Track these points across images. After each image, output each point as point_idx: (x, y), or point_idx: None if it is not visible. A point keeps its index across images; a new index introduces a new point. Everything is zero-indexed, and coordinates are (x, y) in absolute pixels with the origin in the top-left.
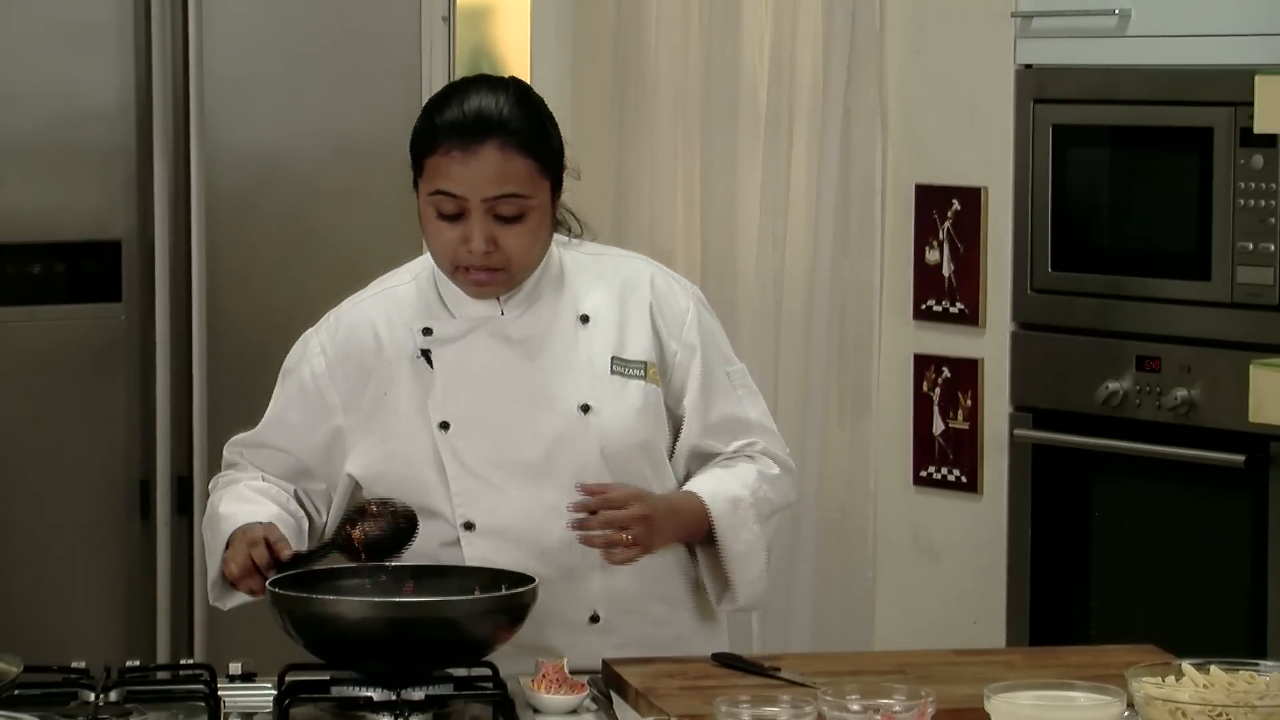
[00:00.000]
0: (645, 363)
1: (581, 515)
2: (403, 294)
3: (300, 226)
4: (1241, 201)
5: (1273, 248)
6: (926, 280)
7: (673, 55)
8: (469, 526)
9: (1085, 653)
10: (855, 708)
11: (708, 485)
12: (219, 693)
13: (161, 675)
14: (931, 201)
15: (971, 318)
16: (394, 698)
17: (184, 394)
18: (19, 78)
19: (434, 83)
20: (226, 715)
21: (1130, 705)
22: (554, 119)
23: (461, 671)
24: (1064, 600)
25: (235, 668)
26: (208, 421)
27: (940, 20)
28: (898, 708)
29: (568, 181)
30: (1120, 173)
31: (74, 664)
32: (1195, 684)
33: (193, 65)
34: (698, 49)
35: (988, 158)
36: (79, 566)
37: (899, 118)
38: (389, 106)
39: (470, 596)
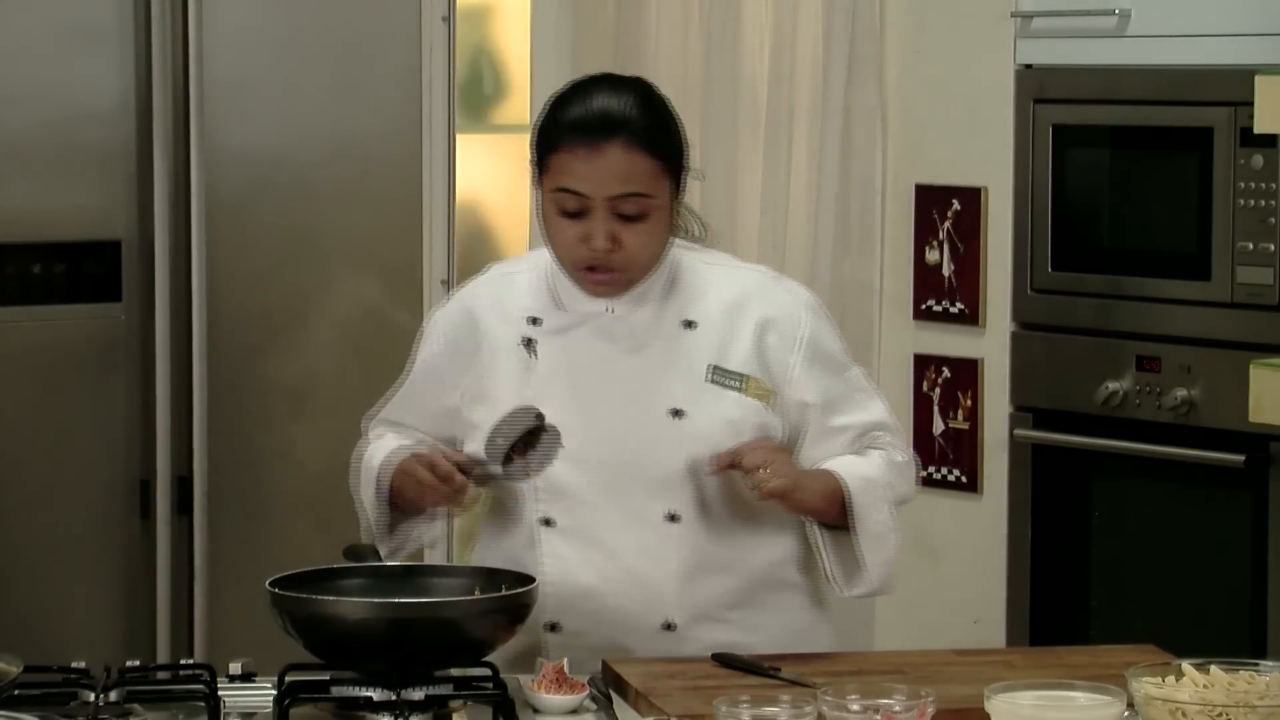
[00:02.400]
0: (745, 375)
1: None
2: (518, 281)
3: (300, 227)
4: (1241, 201)
5: (1273, 248)
6: (926, 280)
7: (673, 55)
8: (547, 523)
9: (1085, 653)
10: (855, 708)
11: (841, 465)
12: (219, 693)
13: (161, 675)
14: (931, 201)
15: (971, 318)
16: (394, 698)
17: (184, 394)
18: (19, 78)
19: (434, 83)
20: (226, 715)
21: (1130, 705)
22: (677, 118)
23: (462, 671)
24: (1064, 600)
25: (235, 668)
26: (208, 421)
27: (940, 20)
28: (898, 708)
29: (690, 183)
30: (1120, 173)
31: (74, 664)
32: (1195, 684)
33: (193, 65)
34: (698, 49)
35: (988, 158)
36: (79, 566)
37: (899, 118)
38: (389, 107)
39: (470, 597)
